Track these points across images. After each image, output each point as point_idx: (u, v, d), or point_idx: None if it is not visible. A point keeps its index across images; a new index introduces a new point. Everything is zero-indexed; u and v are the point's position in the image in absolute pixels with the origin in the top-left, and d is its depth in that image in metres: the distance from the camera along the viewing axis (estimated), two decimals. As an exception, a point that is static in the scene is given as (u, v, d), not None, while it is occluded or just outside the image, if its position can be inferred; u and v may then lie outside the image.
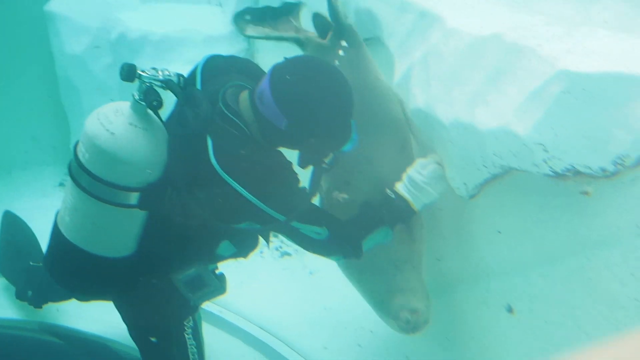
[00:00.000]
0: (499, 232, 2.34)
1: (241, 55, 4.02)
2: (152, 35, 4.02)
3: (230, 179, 2.16)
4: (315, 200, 2.48)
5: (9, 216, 3.56)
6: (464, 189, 2.47)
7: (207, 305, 3.14)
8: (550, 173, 2.02)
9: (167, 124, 2.39)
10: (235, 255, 2.61)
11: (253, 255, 2.67)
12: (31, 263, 3.20)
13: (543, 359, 2.07)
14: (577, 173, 1.96)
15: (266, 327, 3.11)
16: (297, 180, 2.30)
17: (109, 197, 2.29)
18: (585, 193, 1.91)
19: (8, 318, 3.30)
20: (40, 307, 3.24)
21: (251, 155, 2.21)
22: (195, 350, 2.68)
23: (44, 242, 2.71)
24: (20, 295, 3.23)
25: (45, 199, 3.96)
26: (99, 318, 3.02)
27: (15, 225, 3.52)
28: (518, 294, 2.32)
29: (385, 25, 2.90)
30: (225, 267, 2.67)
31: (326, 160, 2.36)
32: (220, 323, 3.19)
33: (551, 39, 2.10)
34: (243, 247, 2.59)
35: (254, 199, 2.17)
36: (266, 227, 2.36)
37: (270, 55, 2.97)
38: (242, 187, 2.16)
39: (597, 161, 1.88)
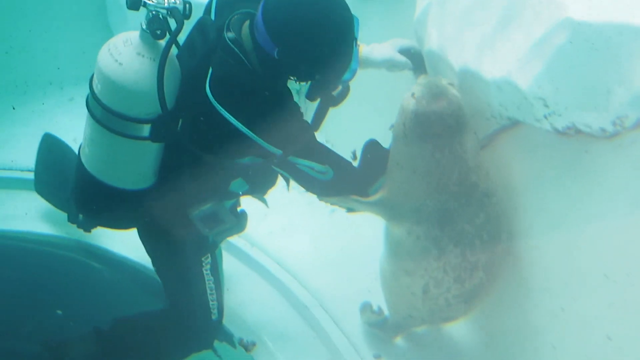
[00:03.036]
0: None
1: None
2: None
3: (224, 110, 2.12)
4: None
5: (49, 139, 3.54)
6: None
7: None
8: (551, 130, 1.87)
9: (180, 54, 2.33)
10: (250, 192, 2.58)
11: (279, 189, 2.58)
12: None
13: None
14: (578, 131, 1.80)
15: (283, 263, 3.12)
16: (298, 113, 2.22)
17: (120, 129, 2.28)
18: None
19: (47, 234, 3.41)
20: (89, 231, 3.30)
21: (247, 86, 2.15)
22: (212, 286, 2.70)
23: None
24: (71, 219, 3.29)
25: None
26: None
27: (56, 149, 3.52)
28: (515, 258, 2.21)
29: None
30: (249, 199, 2.64)
31: (334, 93, 2.28)
32: (241, 255, 3.22)
33: (568, -21, 1.88)
34: (257, 185, 2.55)
35: (248, 131, 2.12)
36: (267, 161, 2.29)
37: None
38: (236, 118, 2.12)
39: (597, 120, 1.71)
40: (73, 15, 4.31)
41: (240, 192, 2.57)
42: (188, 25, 2.29)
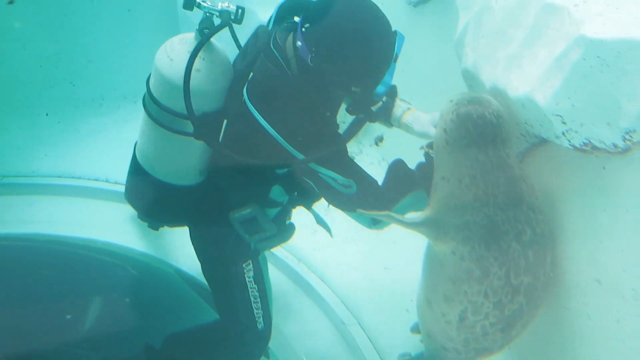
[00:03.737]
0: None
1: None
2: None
3: (254, 110, 2.20)
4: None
5: None
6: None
7: (276, 250, 3.18)
8: (569, 147, 1.85)
9: (235, 59, 2.45)
10: (292, 203, 2.60)
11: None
12: None
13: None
14: (594, 148, 1.78)
15: (325, 278, 3.16)
16: (328, 122, 2.26)
17: (168, 123, 2.38)
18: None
19: (144, 252, 3.52)
20: (157, 230, 3.36)
21: (280, 89, 2.21)
22: (257, 294, 2.69)
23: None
24: (141, 216, 3.31)
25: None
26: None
27: None
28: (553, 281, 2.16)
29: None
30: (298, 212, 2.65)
31: (373, 108, 2.29)
32: (285, 268, 3.28)
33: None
34: (298, 196, 2.55)
35: (273, 130, 2.17)
36: (289, 167, 2.31)
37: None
38: (264, 118, 2.18)
39: (609, 136, 1.69)
40: (147, 30, 4.47)
41: (281, 201, 2.58)
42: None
